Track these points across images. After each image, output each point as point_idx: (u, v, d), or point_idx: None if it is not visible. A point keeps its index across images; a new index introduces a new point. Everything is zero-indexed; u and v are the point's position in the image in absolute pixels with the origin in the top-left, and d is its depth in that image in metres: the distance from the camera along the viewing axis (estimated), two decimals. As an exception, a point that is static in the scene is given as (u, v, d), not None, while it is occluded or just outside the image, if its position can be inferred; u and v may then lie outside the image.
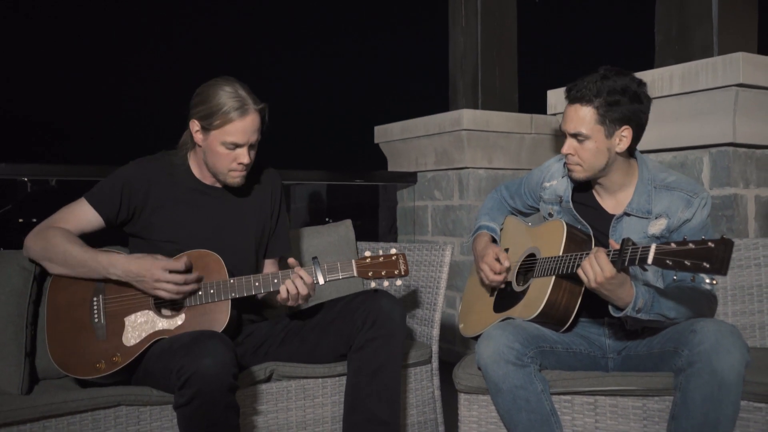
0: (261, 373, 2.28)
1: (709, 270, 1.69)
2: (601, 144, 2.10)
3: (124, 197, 2.25)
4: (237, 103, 2.15)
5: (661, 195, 2.16)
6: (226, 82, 2.19)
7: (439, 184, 4.43)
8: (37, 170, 3.50)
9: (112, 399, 2.05)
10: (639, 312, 1.97)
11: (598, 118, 2.07)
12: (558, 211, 2.32)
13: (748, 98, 2.93)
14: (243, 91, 2.18)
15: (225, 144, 2.18)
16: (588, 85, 2.07)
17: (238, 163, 2.21)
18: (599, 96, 2.06)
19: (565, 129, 2.14)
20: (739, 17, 3.25)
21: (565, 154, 2.16)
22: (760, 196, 3.06)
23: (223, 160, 2.21)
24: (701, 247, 1.70)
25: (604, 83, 2.06)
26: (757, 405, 1.94)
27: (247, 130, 2.17)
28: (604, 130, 2.08)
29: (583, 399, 2.11)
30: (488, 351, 2.05)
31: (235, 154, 2.20)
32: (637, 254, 1.82)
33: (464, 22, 4.51)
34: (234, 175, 2.24)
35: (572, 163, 2.15)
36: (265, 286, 2.19)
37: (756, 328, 2.47)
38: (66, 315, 2.17)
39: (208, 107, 2.16)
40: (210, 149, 2.21)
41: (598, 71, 2.11)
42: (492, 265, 2.35)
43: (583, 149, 2.11)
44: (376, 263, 2.23)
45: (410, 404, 2.55)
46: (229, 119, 2.14)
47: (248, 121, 2.17)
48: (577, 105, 2.10)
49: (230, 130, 2.16)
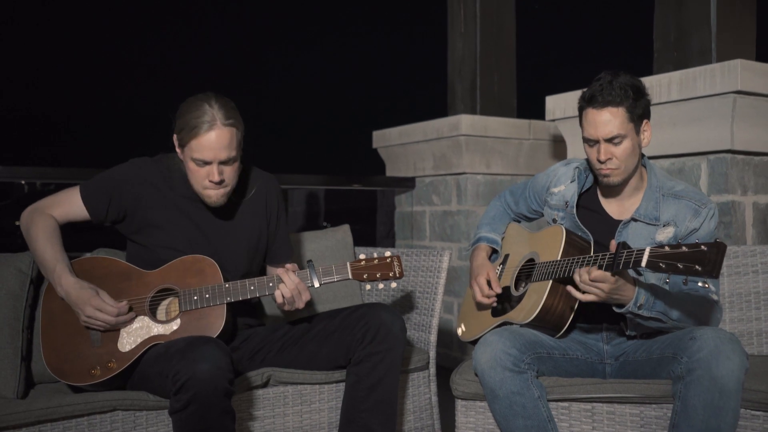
0: (258, 379, 2.27)
1: (701, 273, 1.70)
2: (635, 141, 2.13)
3: (114, 197, 2.24)
4: (205, 118, 2.09)
5: (668, 203, 2.17)
6: (202, 98, 2.14)
7: (437, 189, 4.43)
8: (33, 173, 3.50)
9: (108, 404, 2.04)
10: (641, 308, 1.98)
11: (629, 116, 2.10)
12: (562, 218, 2.32)
13: (746, 105, 2.93)
14: (216, 106, 2.11)
15: (195, 160, 2.13)
16: (614, 88, 2.09)
17: (209, 181, 2.14)
18: (625, 95, 2.08)
19: (599, 136, 2.11)
20: (738, 24, 3.26)
21: (604, 161, 2.13)
22: (758, 202, 3.06)
23: (195, 177, 2.16)
24: (694, 250, 1.72)
25: (622, 82, 2.10)
26: (755, 413, 1.94)
27: (213, 147, 2.10)
28: (634, 126, 2.12)
29: (581, 406, 2.11)
30: (485, 357, 2.05)
31: (206, 171, 2.14)
32: (632, 257, 1.83)
33: (463, 27, 4.52)
34: (209, 193, 2.18)
35: (611, 168, 2.13)
36: (260, 290, 2.18)
37: (753, 335, 2.46)
38: (60, 321, 2.16)
39: (181, 122, 2.13)
40: (186, 165, 2.18)
41: (602, 77, 2.13)
42: (482, 287, 2.36)
43: (621, 150, 2.11)
44: (370, 265, 2.23)
45: (407, 410, 2.54)
46: (194, 134, 2.09)
47: (213, 137, 2.09)
48: (609, 108, 2.09)
49: (195, 145, 2.10)
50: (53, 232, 2.20)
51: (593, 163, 2.18)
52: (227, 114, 2.12)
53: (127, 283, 2.19)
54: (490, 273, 2.39)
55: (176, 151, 2.21)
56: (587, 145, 2.17)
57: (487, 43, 4.45)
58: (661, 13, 3.44)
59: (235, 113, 2.16)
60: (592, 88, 2.13)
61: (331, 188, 5.35)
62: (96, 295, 2.08)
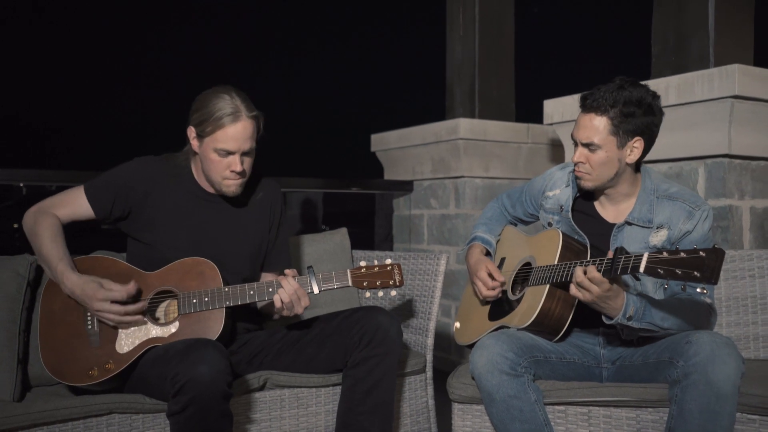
0: (255, 382, 2.27)
1: (700, 279, 1.70)
2: (612, 154, 2.10)
3: (120, 196, 2.25)
4: (229, 110, 2.14)
5: (662, 205, 2.16)
6: (222, 90, 2.19)
7: (435, 193, 4.43)
8: (33, 176, 3.49)
9: (105, 406, 2.04)
10: (630, 320, 1.97)
11: (611, 129, 2.08)
12: (558, 221, 2.32)
13: (743, 110, 2.94)
14: (238, 98, 2.17)
15: (217, 151, 2.17)
16: (604, 95, 2.07)
17: (231, 171, 2.19)
18: (615, 107, 2.06)
19: (577, 137, 2.13)
20: (736, 29, 3.26)
21: (576, 162, 2.15)
22: (755, 207, 3.07)
23: (216, 168, 2.20)
24: (692, 256, 1.72)
25: (621, 94, 2.06)
26: (750, 417, 1.94)
27: (238, 137, 2.16)
28: (617, 140, 2.09)
29: (577, 409, 2.11)
30: (482, 360, 2.05)
31: (228, 162, 2.19)
32: (630, 263, 1.82)
33: (462, 30, 4.52)
34: (228, 183, 2.23)
35: (582, 171, 2.15)
36: (260, 295, 2.18)
37: (750, 339, 2.47)
38: (60, 321, 2.16)
39: (201, 114, 2.17)
40: (204, 156, 2.21)
41: (614, 81, 2.11)
42: (485, 280, 2.35)
43: (594, 158, 2.11)
44: (371, 273, 2.23)
45: (404, 413, 2.54)
46: (220, 125, 2.14)
47: (239, 128, 2.15)
48: (591, 114, 2.09)
49: (221, 136, 2.15)
50: (57, 231, 2.21)
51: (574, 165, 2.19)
52: (250, 106, 2.19)
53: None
54: (489, 265, 2.38)
55: (191, 144, 2.24)
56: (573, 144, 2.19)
57: (486, 47, 4.46)
58: (659, 18, 3.45)
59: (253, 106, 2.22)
60: (591, 89, 2.13)
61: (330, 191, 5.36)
62: (101, 287, 2.09)
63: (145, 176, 2.27)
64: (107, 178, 2.28)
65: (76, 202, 2.26)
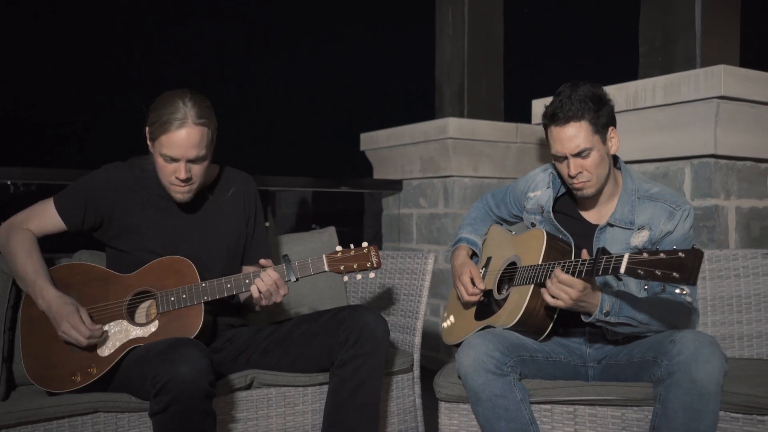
0: (241, 381, 2.26)
1: (679, 280, 1.71)
2: (602, 151, 2.13)
3: (90, 205, 2.23)
4: (177, 115, 2.08)
5: (644, 205, 2.18)
6: (177, 95, 2.13)
7: (424, 192, 4.44)
8: (21, 174, 3.48)
9: (90, 405, 2.03)
10: (607, 315, 1.99)
11: (592, 128, 2.10)
12: (540, 221, 2.34)
13: (729, 110, 2.96)
14: (190, 103, 2.10)
15: (163, 156, 2.12)
16: (571, 103, 2.09)
17: (176, 178, 2.14)
18: (586, 107, 2.08)
19: (565, 152, 2.12)
20: (722, 30, 3.29)
21: (573, 175, 2.13)
22: (740, 207, 3.09)
23: (163, 173, 2.16)
24: (671, 257, 1.73)
25: (580, 95, 2.09)
26: (734, 415, 1.96)
27: (182, 144, 2.09)
28: (600, 137, 2.12)
29: (563, 408, 2.12)
30: (468, 360, 2.05)
31: (173, 168, 2.13)
32: (611, 263, 1.84)
33: (451, 30, 4.53)
34: (175, 189, 2.18)
35: (583, 181, 2.14)
36: (237, 287, 2.17)
37: (735, 338, 2.48)
38: (40, 328, 2.15)
39: (153, 116, 2.12)
40: (155, 159, 2.17)
41: (562, 91, 2.13)
42: (467, 285, 2.38)
43: (590, 163, 2.12)
44: (347, 257, 2.21)
45: (391, 412, 2.54)
46: (164, 130, 2.09)
47: (183, 135, 2.08)
48: (571, 124, 2.10)
49: (165, 141, 2.10)
50: (31, 245, 2.18)
51: (565, 179, 2.19)
52: (200, 113, 2.11)
53: (105, 288, 2.19)
54: (473, 271, 2.40)
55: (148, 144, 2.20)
56: (557, 161, 2.19)
57: (475, 47, 4.46)
58: (647, 19, 3.46)
59: (209, 112, 2.15)
60: (552, 104, 2.14)
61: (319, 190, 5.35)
62: (75, 313, 2.07)
63: (112, 183, 2.25)
64: (75, 188, 2.25)
65: (47, 215, 2.23)
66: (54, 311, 2.07)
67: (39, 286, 2.11)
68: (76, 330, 2.05)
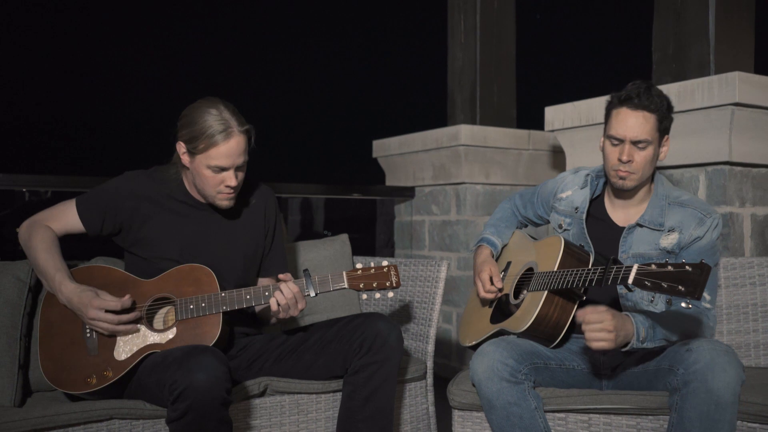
0: (255, 388, 2.27)
1: (684, 293, 1.71)
2: (656, 151, 2.15)
3: (109, 212, 2.25)
4: (221, 127, 2.12)
5: (674, 210, 2.18)
6: (210, 104, 2.16)
7: (436, 199, 4.44)
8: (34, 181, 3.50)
9: (105, 412, 2.04)
10: (644, 342, 1.97)
11: (658, 126, 2.12)
12: (569, 223, 2.34)
13: (744, 117, 2.94)
14: (227, 112, 2.15)
15: (211, 168, 2.16)
16: (649, 94, 2.10)
17: (226, 186, 2.19)
18: (660, 105, 2.11)
19: (625, 135, 2.11)
20: (736, 36, 3.27)
21: (625, 161, 2.12)
22: (756, 214, 3.07)
23: (210, 183, 2.20)
24: (679, 270, 1.73)
25: (656, 91, 2.12)
26: (751, 425, 1.94)
27: (231, 154, 2.14)
28: (659, 137, 2.14)
29: (577, 417, 2.11)
30: (482, 367, 2.05)
31: (222, 177, 2.18)
32: (620, 273, 1.84)
33: (463, 37, 4.53)
34: (222, 197, 2.23)
35: (628, 170, 2.14)
36: (257, 299, 2.18)
37: (751, 347, 2.47)
38: (58, 330, 2.17)
39: (192, 131, 2.15)
40: (197, 172, 2.20)
41: (638, 84, 2.13)
42: (485, 283, 2.39)
43: (642, 156, 2.12)
44: (367, 275, 2.22)
45: (404, 420, 2.54)
46: (213, 143, 2.12)
47: (233, 144, 2.14)
48: (643, 112, 2.10)
49: (214, 154, 2.14)
50: (52, 242, 2.21)
51: (612, 164, 2.17)
52: (239, 120, 2.17)
53: (124, 292, 2.20)
54: (493, 269, 2.40)
55: (182, 159, 2.22)
56: (610, 143, 2.16)
57: (486, 54, 4.47)
58: (660, 26, 3.45)
59: (242, 116, 2.20)
60: (628, 90, 2.14)
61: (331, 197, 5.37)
62: (96, 296, 2.09)
63: (133, 192, 2.27)
64: (96, 193, 2.28)
65: (68, 215, 2.27)
66: (75, 302, 2.10)
67: (58, 281, 2.13)
68: (104, 307, 2.07)
